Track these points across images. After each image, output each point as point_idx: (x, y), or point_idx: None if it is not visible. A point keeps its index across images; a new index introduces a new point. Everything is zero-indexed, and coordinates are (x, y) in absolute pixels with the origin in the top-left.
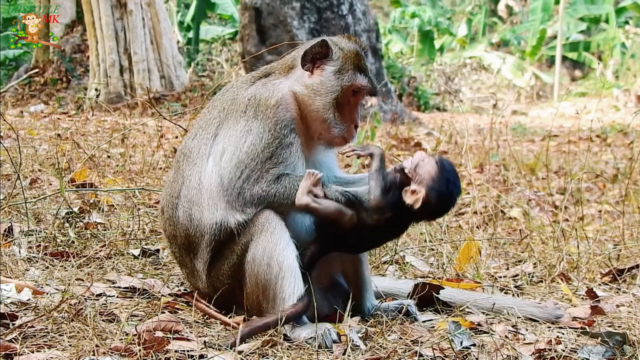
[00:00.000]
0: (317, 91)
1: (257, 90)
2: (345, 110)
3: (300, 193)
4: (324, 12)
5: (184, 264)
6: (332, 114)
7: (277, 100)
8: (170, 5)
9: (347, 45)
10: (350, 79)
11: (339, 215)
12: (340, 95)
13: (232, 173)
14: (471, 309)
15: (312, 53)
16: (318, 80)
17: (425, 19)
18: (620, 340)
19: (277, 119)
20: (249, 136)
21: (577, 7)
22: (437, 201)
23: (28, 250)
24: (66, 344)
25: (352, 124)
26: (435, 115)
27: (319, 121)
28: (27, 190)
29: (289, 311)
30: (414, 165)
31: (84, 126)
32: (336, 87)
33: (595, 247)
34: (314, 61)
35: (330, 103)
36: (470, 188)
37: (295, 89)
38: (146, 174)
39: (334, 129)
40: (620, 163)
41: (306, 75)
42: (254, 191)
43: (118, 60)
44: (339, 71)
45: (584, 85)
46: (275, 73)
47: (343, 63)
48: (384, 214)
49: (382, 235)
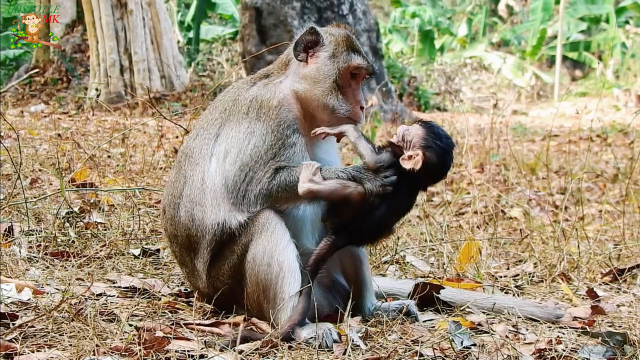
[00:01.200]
0: (315, 79)
1: (258, 92)
2: (347, 93)
3: (301, 182)
4: (325, 11)
5: (184, 263)
6: (334, 98)
7: (279, 101)
8: (171, 5)
9: (337, 30)
10: (345, 60)
11: (343, 190)
12: (338, 77)
13: (236, 176)
14: (472, 308)
15: (302, 42)
16: (314, 68)
17: (426, 19)
18: (620, 340)
19: (280, 120)
20: (252, 138)
21: (578, 7)
22: (436, 157)
23: (28, 250)
24: (66, 344)
25: (357, 105)
26: (436, 115)
27: (322, 109)
28: (27, 190)
29: (285, 327)
30: (400, 135)
31: (84, 126)
32: (333, 71)
33: (596, 246)
34: (307, 50)
35: (330, 87)
36: (470, 188)
37: (295, 87)
38: (146, 173)
39: (340, 110)
40: (621, 163)
41: (302, 66)
42: (257, 191)
43: (118, 60)
44: (332, 55)
45: (585, 85)
46: (274, 73)
47: (335, 47)
48: (385, 174)
49: (391, 212)
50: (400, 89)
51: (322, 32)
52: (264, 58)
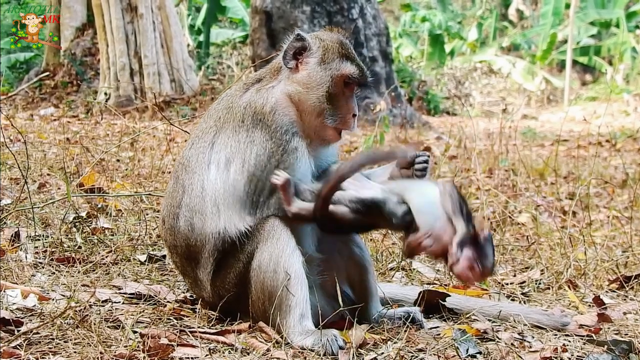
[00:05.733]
0: (307, 85)
1: (251, 98)
2: (340, 101)
3: (286, 208)
4: (335, 16)
5: (186, 273)
6: (328, 105)
7: (272, 106)
8: (181, 9)
9: (328, 35)
10: (337, 68)
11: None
12: (331, 85)
13: (246, 186)
14: (477, 316)
15: (289, 49)
16: (305, 74)
17: (436, 23)
18: (626, 348)
19: (276, 126)
20: (253, 147)
21: (588, 11)
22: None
23: (34, 256)
24: (71, 351)
25: (349, 113)
26: (446, 119)
27: (314, 115)
28: (35, 195)
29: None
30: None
31: (94, 130)
32: (325, 78)
33: (604, 253)
34: (296, 57)
35: (322, 95)
36: (479, 193)
37: (288, 90)
38: (154, 178)
39: (331, 120)
40: (630, 168)
41: (293, 73)
42: (270, 202)
43: (128, 63)
44: (322, 61)
45: (595, 90)
46: (267, 77)
47: (324, 52)
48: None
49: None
50: (410, 93)
51: (310, 38)
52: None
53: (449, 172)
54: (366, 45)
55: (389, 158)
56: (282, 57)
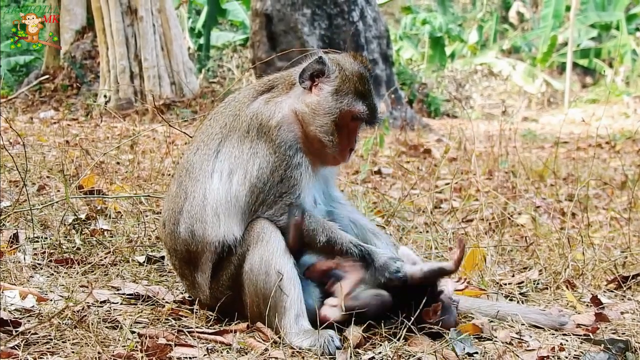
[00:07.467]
0: (315, 111)
1: (259, 109)
2: (343, 133)
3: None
4: (335, 18)
5: (184, 275)
6: (330, 136)
7: (278, 121)
8: (181, 12)
9: (350, 65)
10: (349, 104)
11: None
12: (338, 118)
13: (247, 197)
14: (475, 315)
15: (308, 69)
16: (316, 100)
17: (436, 26)
18: (623, 347)
19: (281, 141)
20: (256, 159)
21: (588, 14)
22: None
23: (33, 257)
24: (69, 351)
25: (348, 147)
26: (446, 122)
27: (316, 140)
28: (35, 197)
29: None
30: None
31: (93, 132)
32: (334, 110)
33: (602, 253)
34: (313, 79)
35: (328, 125)
36: (478, 195)
37: (296, 107)
38: (154, 180)
39: (329, 149)
40: (629, 170)
41: (305, 93)
42: (268, 213)
43: (128, 66)
44: (336, 92)
45: (595, 92)
46: (279, 87)
47: (341, 84)
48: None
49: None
50: (410, 96)
51: (330, 64)
52: (274, 64)
53: (449, 174)
54: (366, 48)
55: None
56: (299, 75)
